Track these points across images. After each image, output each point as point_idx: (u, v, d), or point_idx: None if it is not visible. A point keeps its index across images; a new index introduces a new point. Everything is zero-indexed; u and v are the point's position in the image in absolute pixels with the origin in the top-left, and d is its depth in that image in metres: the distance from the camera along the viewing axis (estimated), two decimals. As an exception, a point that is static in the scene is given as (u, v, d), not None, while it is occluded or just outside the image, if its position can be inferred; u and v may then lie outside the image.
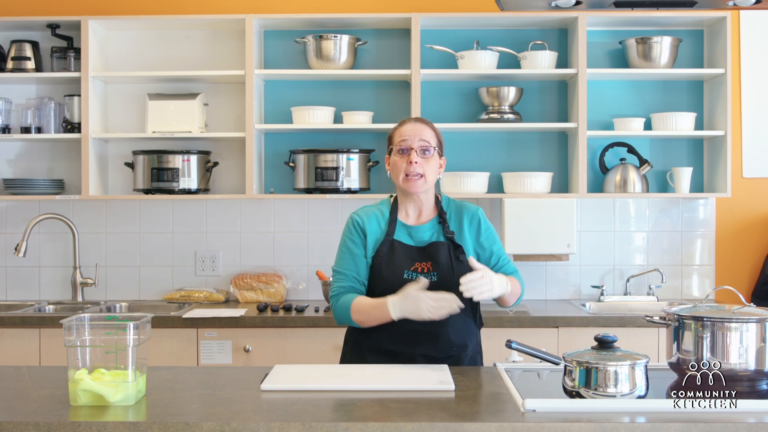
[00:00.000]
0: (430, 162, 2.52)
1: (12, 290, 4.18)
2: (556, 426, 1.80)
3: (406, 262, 2.49)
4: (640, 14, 3.93)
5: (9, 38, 4.09)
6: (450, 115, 4.11)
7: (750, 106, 4.15)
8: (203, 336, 3.54)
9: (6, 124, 4.06)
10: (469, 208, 2.60)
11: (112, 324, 2.00)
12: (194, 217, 4.17)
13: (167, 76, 4.01)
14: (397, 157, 2.53)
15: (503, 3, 2.66)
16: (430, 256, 2.50)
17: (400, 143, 2.52)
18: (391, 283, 2.45)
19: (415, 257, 2.51)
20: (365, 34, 4.09)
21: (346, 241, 2.56)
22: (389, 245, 2.51)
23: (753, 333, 2.06)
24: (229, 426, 1.81)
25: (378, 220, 2.56)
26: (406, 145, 2.51)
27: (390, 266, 2.48)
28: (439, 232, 2.55)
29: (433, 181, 2.54)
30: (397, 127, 2.58)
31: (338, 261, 2.56)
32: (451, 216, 2.58)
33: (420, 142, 2.50)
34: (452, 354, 2.50)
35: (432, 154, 2.52)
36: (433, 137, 2.54)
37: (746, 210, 4.17)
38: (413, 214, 2.58)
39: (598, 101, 4.09)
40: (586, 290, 4.14)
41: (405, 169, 2.50)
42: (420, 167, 2.49)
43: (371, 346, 2.51)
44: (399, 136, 2.54)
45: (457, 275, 2.40)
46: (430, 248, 2.51)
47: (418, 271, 2.48)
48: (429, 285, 2.39)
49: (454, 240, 2.53)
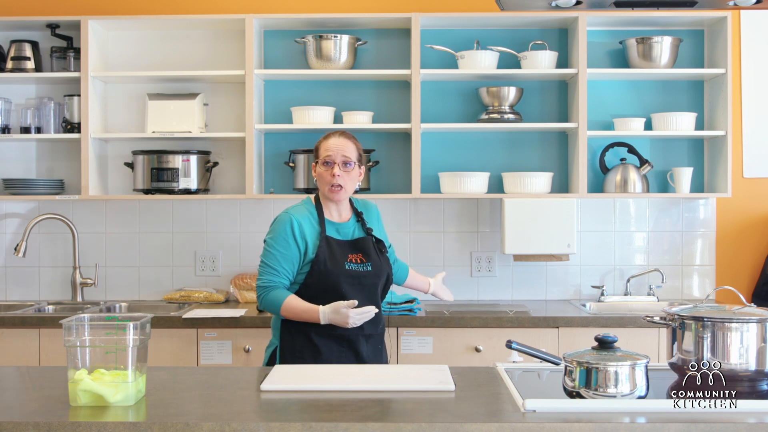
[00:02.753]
0: (351, 174, 2.86)
1: (12, 290, 4.18)
2: (556, 426, 1.80)
3: (342, 254, 2.82)
4: (640, 14, 3.93)
5: (9, 38, 4.09)
6: (450, 115, 4.11)
7: (750, 106, 4.15)
8: (203, 336, 3.54)
9: (6, 124, 4.06)
10: (373, 206, 3.04)
11: (112, 324, 2.00)
12: (194, 217, 4.17)
13: (167, 76, 4.01)
14: (322, 168, 2.85)
15: (503, 3, 2.66)
16: (360, 249, 2.86)
17: (325, 157, 2.85)
18: (336, 274, 2.78)
19: (347, 250, 2.84)
20: (365, 34, 4.09)
21: (281, 241, 2.80)
22: (326, 241, 2.81)
23: (753, 333, 2.06)
24: (229, 426, 1.81)
25: (310, 219, 2.85)
26: (330, 159, 2.84)
27: (332, 260, 2.79)
28: (359, 229, 2.92)
29: (352, 190, 2.91)
30: (323, 141, 2.90)
31: (269, 257, 2.81)
32: (363, 214, 2.96)
33: (342, 157, 2.84)
34: (381, 330, 2.91)
35: (353, 167, 2.86)
36: (354, 152, 2.87)
37: (747, 210, 4.16)
38: (335, 214, 2.91)
39: (598, 101, 4.09)
40: (587, 290, 4.14)
41: (329, 181, 2.83)
42: (341, 179, 2.83)
43: (321, 332, 2.77)
44: (324, 150, 2.86)
45: (383, 265, 2.88)
46: (359, 243, 2.87)
47: (354, 262, 2.83)
48: (366, 274, 2.82)
49: (373, 234, 2.92)
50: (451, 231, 4.15)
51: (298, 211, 2.85)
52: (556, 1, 2.60)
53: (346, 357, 2.80)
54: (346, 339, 2.79)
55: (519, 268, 4.15)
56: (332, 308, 2.72)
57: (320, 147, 2.88)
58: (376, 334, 2.86)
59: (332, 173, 2.81)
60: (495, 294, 4.14)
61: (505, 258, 4.12)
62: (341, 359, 2.78)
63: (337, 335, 2.78)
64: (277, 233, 2.82)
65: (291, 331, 2.81)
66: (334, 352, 2.78)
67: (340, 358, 2.78)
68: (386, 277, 2.90)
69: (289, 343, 2.81)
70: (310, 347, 2.78)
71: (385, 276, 2.89)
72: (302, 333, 2.79)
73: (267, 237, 2.85)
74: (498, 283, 4.15)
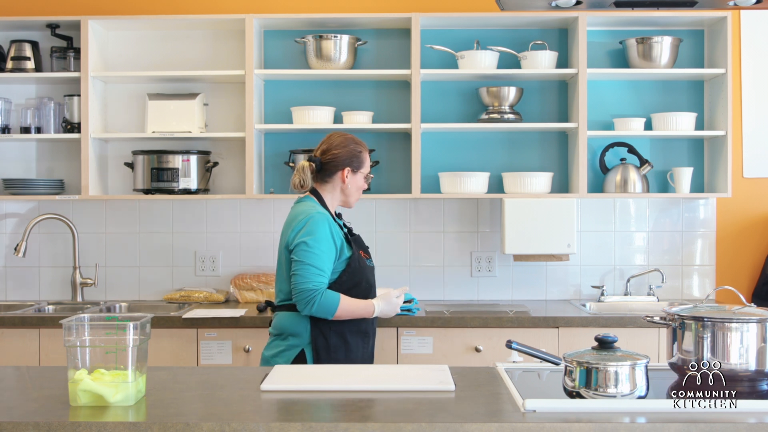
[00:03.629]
0: None
1: (12, 290, 4.18)
2: (556, 426, 1.80)
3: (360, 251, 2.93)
4: (640, 14, 3.93)
5: (9, 38, 4.09)
6: (450, 115, 4.11)
7: (750, 106, 4.15)
8: (203, 336, 3.54)
9: (6, 124, 4.06)
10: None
11: (112, 324, 2.00)
12: (194, 217, 4.17)
13: (167, 76, 4.01)
14: (363, 180, 2.98)
15: (503, 3, 2.66)
16: (361, 246, 2.97)
17: (368, 170, 2.99)
18: (366, 269, 2.91)
19: (359, 247, 2.94)
20: (365, 34, 4.09)
21: (324, 240, 2.79)
22: (349, 239, 2.90)
23: (753, 333, 2.06)
24: (229, 426, 1.81)
25: (331, 218, 2.89)
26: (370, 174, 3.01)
27: (359, 256, 2.90)
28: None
29: None
30: (365, 152, 2.98)
31: (315, 258, 2.76)
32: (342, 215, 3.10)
33: None
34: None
35: None
36: None
37: (747, 210, 4.16)
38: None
39: (598, 101, 4.09)
40: (587, 290, 4.14)
41: (361, 192, 3.00)
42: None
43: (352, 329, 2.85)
44: (368, 164, 2.98)
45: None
46: (360, 240, 2.99)
47: (365, 258, 2.95)
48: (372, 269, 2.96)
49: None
50: (451, 231, 4.15)
51: (323, 211, 2.87)
52: (556, 1, 2.60)
53: (367, 351, 2.92)
54: (368, 334, 2.91)
55: (519, 268, 4.15)
56: (385, 300, 2.88)
57: (365, 159, 2.97)
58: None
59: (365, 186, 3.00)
60: (495, 294, 4.14)
61: (505, 258, 4.12)
62: (365, 355, 2.91)
63: (363, 331, 2.88)
64: (318, 234, 2.77)
65: (323, 331, 2.80)
66: (360, 348, 2.88)
67: (365, 354, 2.90)
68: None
69: (323, 343, 2.80)
70: (343, 345, 2.83)
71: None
72: (337, 333, 2.82)
73: (306, 238, 2.77)
74: (498, 283, 4.15)
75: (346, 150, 2.91)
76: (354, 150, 2.92)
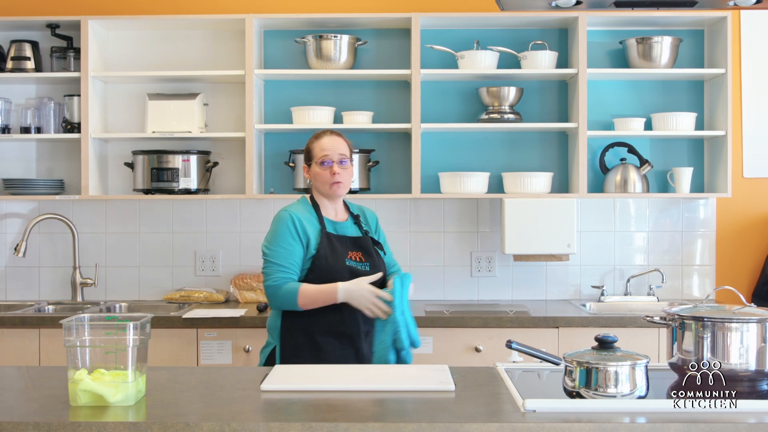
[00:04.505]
0: (347, 170, 2.93)
1: (12, 290, 4.18)
2: (556, 426, 1.80)
3: (343, 251, 2.86)
4: (640, 14, 3.93)
5: (9, 38, 4.09)
6: (450, 115, 4.11)
7: (750, 106, 4.15)
8: (203, 336, 3.54)
9: (6, 124, 4.06)
10: (371, 213, 3.07)
11: (111, 324, 2.00)
12: (194, 217, 4.17)
13: (167, 76, 4.01)
14: (319, 168, 2.90)
15: (503, 3, 2.66)
16: (360, 248, 2.90)
17: (322, 156, 2.90)
18: (336, 269, 2.81)
19: (348, 247, 2.88)
20: (365, 34, 4.09)
21: (285, 238, 2.82)
22: (327, 237, 2.85)
23: (753, 333, 2.05)
24: (229, 426, 1.81)
25: (309, 217, 2.88)
26: (328, 158, 2.89)
27: (333, 256, 2.82)
28: (357, 230, 2.96)
29: (349, 186, 2.96)
30: (315, 141, 2.95)
31: (275, 255, 2.81)
32: (360, 217, 3.01)
33: (338, 155, 2.90)
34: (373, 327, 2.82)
35: (348, 164, 2.93)
36: (347, 149, 2.95)
37: (747, 210, 4.16)
38: (332, 213, 2.96)
39: (598, 101, 4.09)
40: (587, 290, 4.14)
41: (329, 179, 2.88)
42: (340, 176, 2.89)
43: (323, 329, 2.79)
44: (320, 150, 2.91)
45: (381, 267, 2.90)
46: (359, 241, 2.91)
47: (353, 260, 2.86)
48: (364, 273, 2.83)
49: (372, 237, 2.98)
50: (451, 231, 4.15)
51: (296, 209, 2.88)
52: (556, 1, 2.60)
53: (347, 355, 2.80)
54: (348, 336, 2.81)
55: (519, 268, 4.15)
56: (354, 283, 2.74)
57: (314, 147, 2.93)
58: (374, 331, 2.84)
59: (332, 171, 2.87)
60: (495, 294, 4.14)
61: (505, 258, 4.12)
62: (342, 357, 2.78)
63: (339, 332, 2.80)
64: (279, 231, 2.83)
65: (291, 330, 2.82)
66: (335, 350, 2.78)
67: (342, 356, 2.78)
68: (382, 279, 2.89)
69: (290, 341, 2.81)
70: (311, 345, 2.79)
71: (381, 277, 2.89)
72: (304, 332, 2.80)
73: (268, 235, 2.87)
74: (498, 283, 4.14)
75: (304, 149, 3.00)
76: (307, 145, 2.97)
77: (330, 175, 2.87)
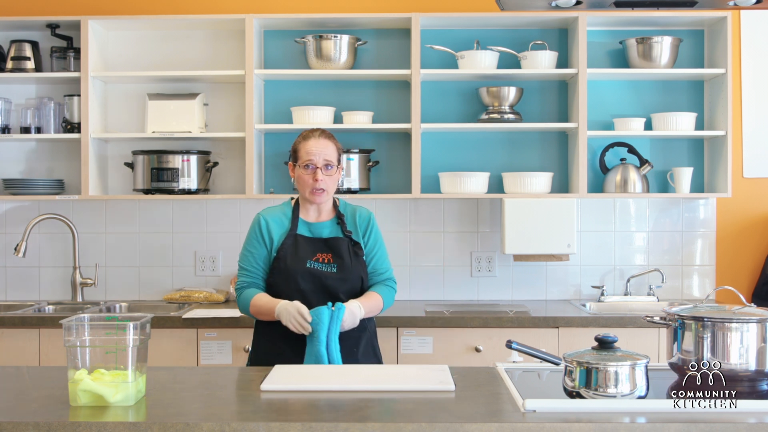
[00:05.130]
0: (333, 176, 2.81)
1: (12, 290, 4.18)
2: (556, 426, 1.80)
3: (308, 253, 2.77)
4: (640, 14, 3.93)
5: (9, 38, 4.09)
6: (450, 115, 4.11)
7: (750, 106, 4.15)
8: (203, 336, 3.54)
9: (6, 124, 4.06)
10: (362, 212, 2.90)
11: (111, 324, 2.00)
12: (194, 217, 4.17)
13: (167, 76, 4.01)
14: (302, 171, 2.79)
15: (503, 3, 2.66)
16: (331, 249, 2.79)
17: (306, 160, 2.78)
18: (295, 270, 2.74)
19: (316, 249, 2.79)
20: (365, 34, 4.09)
21: (251, 241, 2.83)
22: (293, 239, 2.79)
23: (753, 333, 2.05)
24: (229, 426, 1.81)
25: (281, 219, 2.83)
26: (312, 163, 2.78)
27: (294, 257, 2.76)
28: (337, 231, 2.84)
29: (333, 191, 2.84)
30: (302, 141, 2.82)
31: (242, 258, 2.85)
32: (347, 217, 2.87)
33: (324, 160, 2.78)
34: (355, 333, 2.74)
35: (334, 169, 2.81)
36: (334, 153, 2.81)
37: (747, 210, 4.16)
38: (314, 214, 2.87)
39: (598, 101, 4.09)
40: (587, 290, 4.14)
41: (311, 185, 2.78)
42: (324, 183, 2.78)
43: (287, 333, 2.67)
44: (305, 153, 2.79)
45: (354, 269, 2.77)
46: (331, 242, 2.80)
47: (319, 261, 2.76)
48: (329, 275, 2.74)
49: (352, 237, 2.83)
50: (451, 231, 4.15)
51: (270, 211, 2.87)
52: (556, 1, 2.60)
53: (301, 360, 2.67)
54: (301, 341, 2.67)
55: (519, 268, 4.15)
56: (286, 305, 2.64)
57: (300, 149, 2.81)
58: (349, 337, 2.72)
59: (314, 177, 2.76)
60: (495, 294, 4.14)
61: (505, 258, 4.12)
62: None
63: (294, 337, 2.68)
64: (248, 234, 2.86)
65: (257, 333, 2.85)
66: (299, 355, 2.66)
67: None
68: (358, 281, 2.79)
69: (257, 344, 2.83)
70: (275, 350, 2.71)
71: (356, 280, 2.78)
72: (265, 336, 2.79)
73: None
74: (498, 283, 4.14)
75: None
76: (294, 144, 2.86)
77: (312, 180, 2.77)
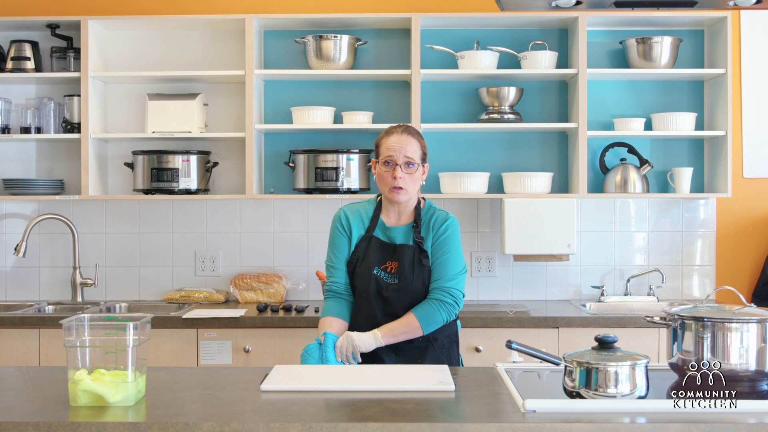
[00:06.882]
0: (414, 175, 2.67)
1: (12, 290, 4.18)
2: (556, 426, 1.80)
3: (378, 259, 2.70)
4: (640, 14, 3.93)
5: (9, 38, 4.09)
6: (450, 115, 4.11)
7: (750, 106, 4.15)
8: (203, 336, 3.54)
9: (6, 124, 4.06)
10: (439, 216, 2.74)
11: (111, 324, 2.00)
12: (194, 217, 4.17)
13: (167, 76, 4.01)
14: (383, 168, 2.68)
15: (503, 3, 2.66)
16: (398, 257, 2.69)
17: (386, 156, 2.67)
18: (363, 277, 2.68)
19: (386, 256, 2.70)
20: (365, 34, 4.09)
21: (335, 234, 2.77)
22: (368, 241, 2.72)
23: (753, 333, 2.05)
24: (229, 426, 1.81)
25: (362, 217, 2.75)
26: (392, 160, 2.66)
27: (364, 261, 2.70)
28: (409, 237, 2.71)
29: (414, 192, 2.70)
30: (385, 137, 2.71)
31: (328, 256, 2.79)
32: (425, 222, 2.73)
33: (405, 158, 2.65)
34: (420, 344, 2.66)
35: (415, 167, 2.67)
36: (417, 150, 2.68)
37: (747, 210, 4.16)
38: (394, 216, 2.75)
39: (598, 101, 4.09)
40: (587, 290, 4.14)
41: (389, 183, 2.66)
42: (403, 181, 2.64)
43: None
44: (386, 149, 2.68)
45: (416, 278, 2.66)
46: (399, 249, 2.69)
47: (387, 271, 2.68)
48: (390, 286, 2.65)
49: (421, 245, 2.69)
50: (451, 231, 4.14)
51: (351, 207, 2.79)
52: (556, 1, 2.60)
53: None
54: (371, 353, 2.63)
55: (519, 268, 4.15)
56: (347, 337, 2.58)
57: (381, 144, 2.70)
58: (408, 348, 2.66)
59: (393, 175, 2.64)
60: (495, 294, 4.14)
61: (505, 258, 4.12)
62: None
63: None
64: (331, 231, 2.79)
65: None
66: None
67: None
68: (419, 292, 2.67)
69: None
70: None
71: (417, 292, 2.67)
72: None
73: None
74: (498, 283, 4.14)
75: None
76: (377, 140, 2.75)
77: (391, 178, 2.64)
